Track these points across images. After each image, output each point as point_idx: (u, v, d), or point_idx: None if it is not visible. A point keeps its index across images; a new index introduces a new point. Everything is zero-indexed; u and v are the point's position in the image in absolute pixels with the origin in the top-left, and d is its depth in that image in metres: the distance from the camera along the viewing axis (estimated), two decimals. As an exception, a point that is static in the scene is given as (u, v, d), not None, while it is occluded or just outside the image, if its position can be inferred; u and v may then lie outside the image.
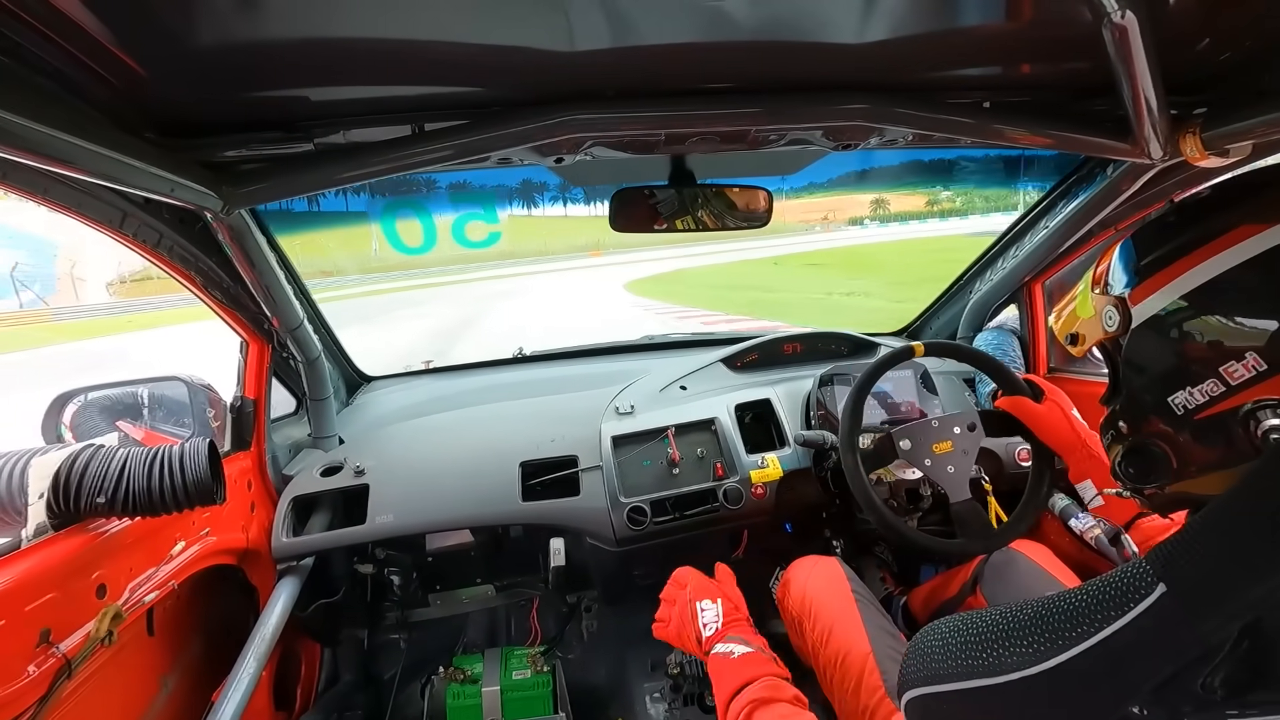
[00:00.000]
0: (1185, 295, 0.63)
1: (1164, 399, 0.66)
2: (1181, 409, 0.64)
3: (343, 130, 1.01)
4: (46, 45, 0.69)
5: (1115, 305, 0.70)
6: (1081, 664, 0.53)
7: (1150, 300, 0.66)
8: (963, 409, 1.85)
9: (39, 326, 19.59)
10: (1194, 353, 0.63)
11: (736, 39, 0.85)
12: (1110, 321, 0.71)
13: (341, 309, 17.37)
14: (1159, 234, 0.68)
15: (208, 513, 1.32)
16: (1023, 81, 1.08)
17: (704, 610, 1.13)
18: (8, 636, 0.84)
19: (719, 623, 1.10)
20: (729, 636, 1.06)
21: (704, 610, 1.13)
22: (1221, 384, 0.60)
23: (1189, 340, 0.63)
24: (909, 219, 44.45)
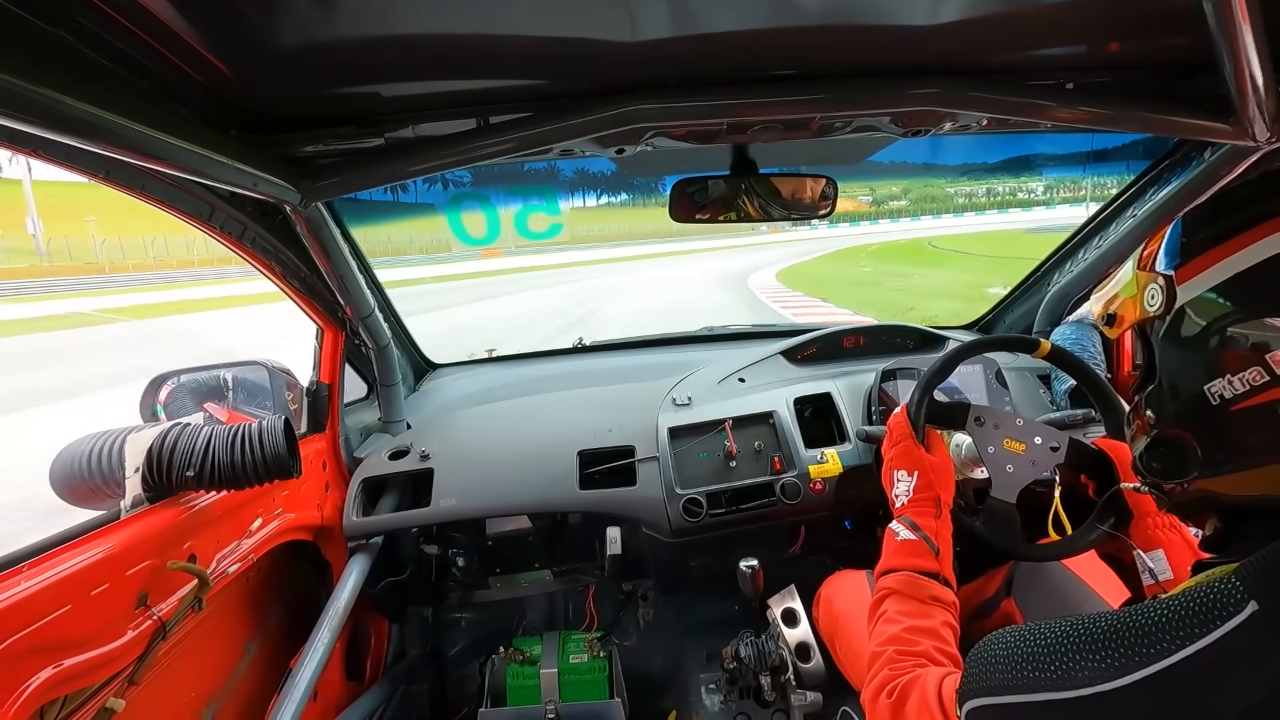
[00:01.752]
0: (1236, 276, 0.59)
1: (1200, 387, 0.62)
2: (1218, 399, 0.60)
3: (412, 125, 1.05)
4: (145, 49, 0.74)
5: (1160, 284, 0.66)
6: (1161, 682, 0.51)
7: (1197, 280, 0.63)
8: (1036, 407, 1.76)
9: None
10: (1239, 339, 0.59)
11: (802, 24, 0.84)
12: (1153, 301, 0.67)
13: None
14: (1213, 211, 0.65)
15: (286, 490, 1.40)
16: (1110, 60, 1.02)
17: (899, 481, 1.14)
18: (110, 599, 0.91)
19: (907, 498, 1.10)
20: (904, 516, 1.07)
21: (899, 481, 1.14)
22: (1266, 373, 0.56)
23: (1235, 325, 0.59)
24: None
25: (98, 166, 0.86)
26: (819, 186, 1.39)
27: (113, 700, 0.92)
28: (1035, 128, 1.16)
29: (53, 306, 18.19)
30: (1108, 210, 1.77)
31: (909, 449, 1.17)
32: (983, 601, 1.44)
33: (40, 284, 24.30)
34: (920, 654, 0.86)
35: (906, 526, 1.05)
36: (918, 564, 0.98)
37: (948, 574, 0.99)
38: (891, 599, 0.96)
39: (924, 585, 0.96)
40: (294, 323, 1.64)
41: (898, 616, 0.92)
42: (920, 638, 0.88)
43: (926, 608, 0.93)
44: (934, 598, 0.95)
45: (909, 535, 1.03)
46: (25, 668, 0.77)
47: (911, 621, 0.90)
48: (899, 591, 0.96)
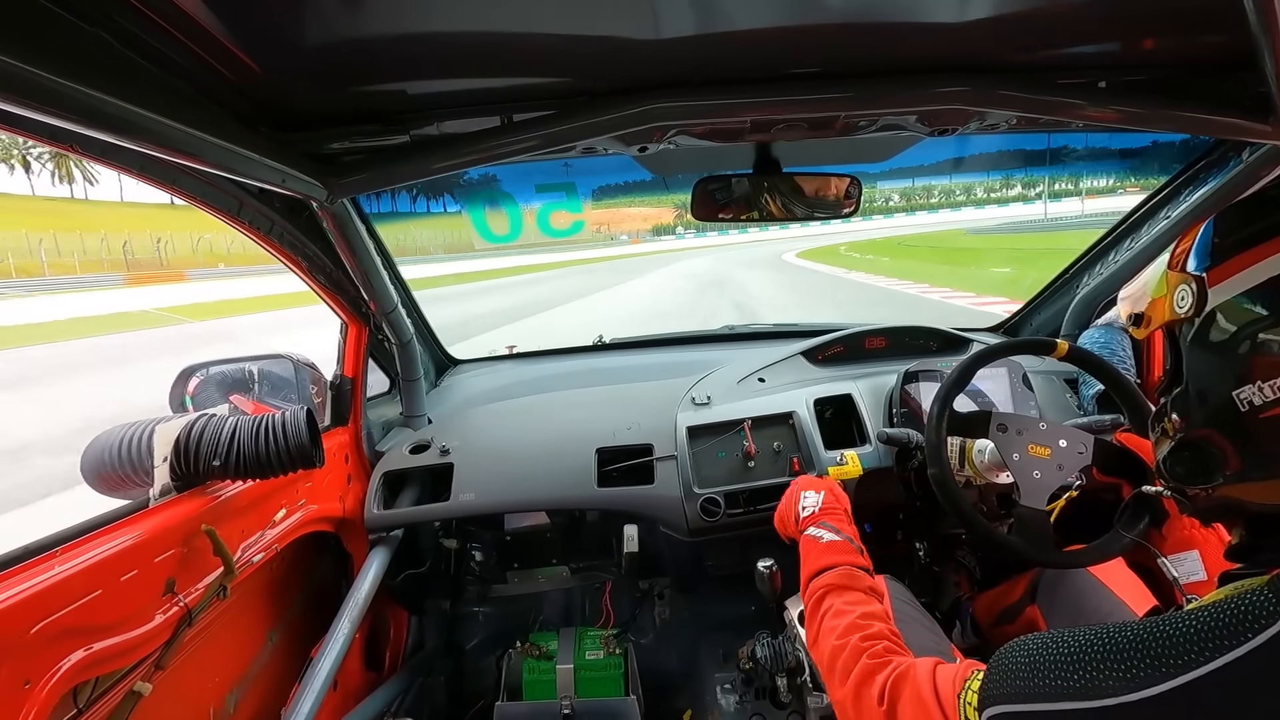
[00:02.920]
0: (1270, 280, 0.57)
1: (1229, 393, 0.60)
2: (1247, 405, 0.59)
3: (436, 122, 1.05)
4: (179, 48, 0.75)
5: (1191, 285, 0.65)
6: (1190, 695, 0.50)
7: (1230, 282, 0.61)
8: (1062, 412, 1.73)
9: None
10: (1271, 345, 0.57)
11: (827, 21, 0.83)
12: (1182, 302, 0.65)
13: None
14: (1248, 212, 0.63)
15: (309, 482, 1.42)
16: (1145, 58, 0.99)
17: (806, 497, 1.18)
18: (139, 585, 0.93)
19: (816, 509, 1.14)
20: (822, 523, 1.10)
21: (806, 497, 1.18)
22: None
23: (1267, 330, 0.57)
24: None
25: (133, 162, 0.88)
26: (843, 185, 1.38)
27: (140, 684, 0.94)
28: (1065, 127, 1.14)
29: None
30: (1140, 211, 1.73)
31: (815, 480, 1.25)
32: (1006, 607, 1.42)
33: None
34: (877, 635, 0.86)
35: (828, 530, 1.07)
36: (850, 560, 1.00)
37: (873, 570, 1.01)
38: (832, 595, 0.96)
39: (860, 577, 0.97)
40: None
41: (845, 608, 0.92)
42: (874, 621, 0.89)
43: (868, 598, 0.94)
44: (871, 589, 0.96)
45: (834, 537, 1.05)
46: (59, 649, 0.79)
47: (861, 609, 0.91)
48: (838, 585, 0.96)
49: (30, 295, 25.82)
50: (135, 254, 40.41)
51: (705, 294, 16.78)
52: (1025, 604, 1.35)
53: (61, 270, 34.75)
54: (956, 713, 0.66)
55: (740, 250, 38.97)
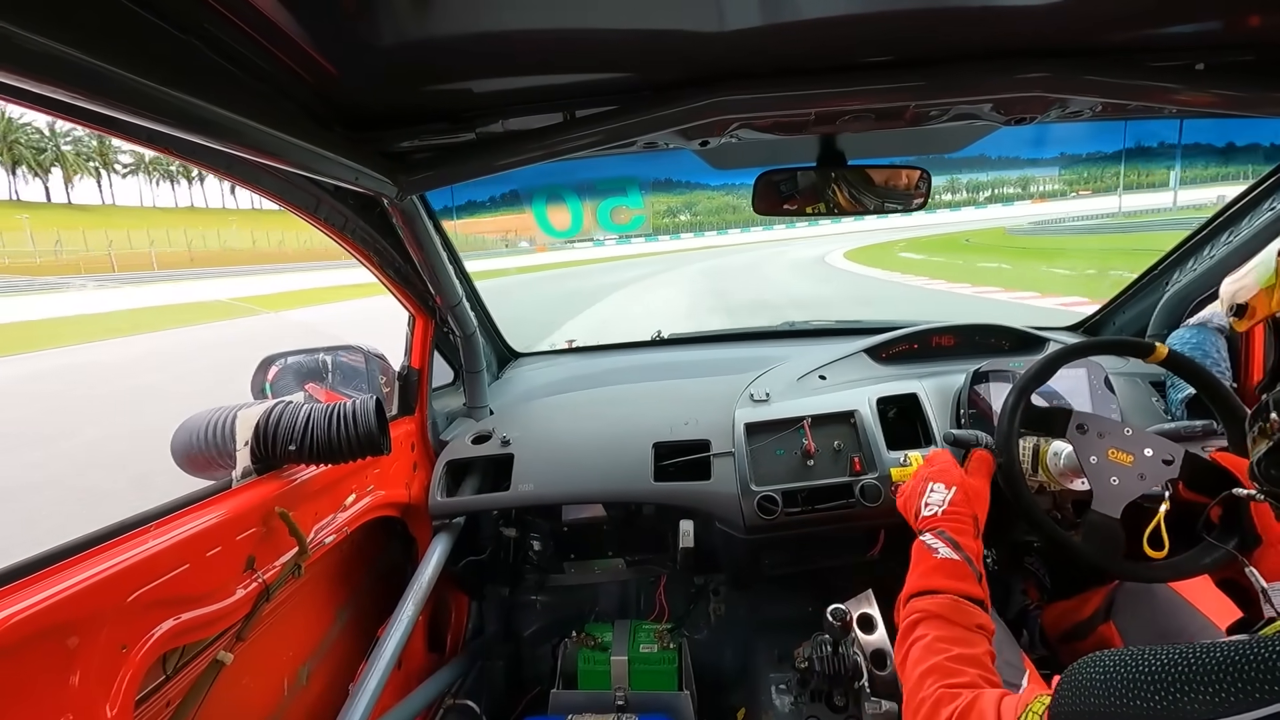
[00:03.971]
0: None
1: None
2: None
3: (501, 120, 1.07)
4: (262, 53, 0.79)
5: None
6: None
7: None
8: (1148, 417, 1.63)
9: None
10: None
11: (898, 8, 0.80)
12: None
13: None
14: None
15: (377, 469, 1.48)
16: (1248, 37, 0.92)
17: (933, 491, 1.09)
18: (223, 560, 0.99)
19: (940, 509, 1.05)
20: (941, 531, 1.00)
21: (933, 491, 1.09)
22: None
23: None
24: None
25: (221, 162, 0.93)
26: (914, 177, 1.34)
27: (223, 654, 1.00)
28: (1156, 113, 1.06)
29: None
30: (1241, 202, 1.61)
31: (949, 468, 1.13)
32: (1077, 623, 1.35)
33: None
34: (966, 685, 0.79)
35: (946, 544, 0.97)
36: (962, 588, 0.91)
37: (988, 603, 0.92)
38: (930, 623, 0.88)
39: (969, 612, 0.88)
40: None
41: (939, 644, 0.85)
42: (966, 667, 0.81)
43: (971, 635, 0.86)
44: (979, 626, 0.87)
45: (950, 554, 0.95)
46: (152, 617, 0.85)
47: (957, 650, 0.83)
48: (941, 616, 0.88)
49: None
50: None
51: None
52: (1099, 621, 1.27)
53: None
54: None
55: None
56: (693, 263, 29.27)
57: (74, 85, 0.54)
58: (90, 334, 13.84)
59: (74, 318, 17.36)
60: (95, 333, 14.00)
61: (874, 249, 29.65)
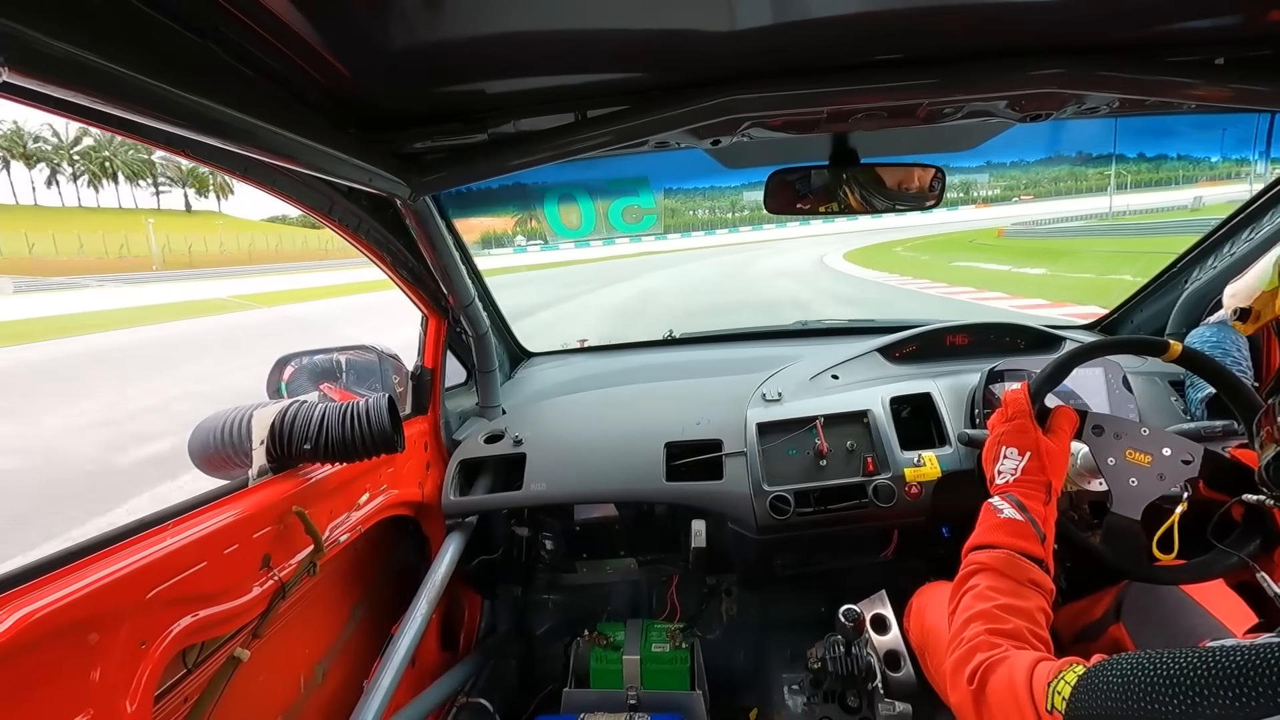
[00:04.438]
0: None
1: None
2: None
3: (513, 120, 1.08)
4: (277, 56, 0.80)
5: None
6: None
7: None
8: (1166, 416, 1.61)
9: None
10: None
11: (910, 5, 0.80)
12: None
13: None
14: None
15: (391, 468, 1.49)
16: (1270, 31, 0.90)
17: (1006, 458, 1.07)
18: (240, 558, 1.00)
19: (1013, 477, 1.03)
20: (1009, 495, 1.00)
21: (1006, 458, 1.07)
22: None
23: None
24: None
25: (237, 165, 0.94)
26: (927, 176, 1.33)
27: (240, 650, 1.02)
28: (1174, 109, 1.05)
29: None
30: (1261, 200, 1.58)
31: (1025, 426, 1.08)
32: (1089, 624, 1.33)
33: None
34: (1010, 633, 0.80)
35: (1011, 505, 0.97)
36: (1021, 545, 0.91)
37: (1050, 564, 0.91)
38: (984, 574, 0.89)
39: (1024, 567, 0.88)
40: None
41: (990, 593, 0.85)
42: (1012, 616, 0.82)
43: (1023, 589, 0.86)
44: (1033, 581, 0.87)
45: (1014, 514, 0.95)
46: (171, 613, 0.86)
47: (1006, 600, 0.84)
48: (994, 569, 0.88)
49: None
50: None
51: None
52: (1109, 622, 1.26)
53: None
54: (1044, 698, 0.63)
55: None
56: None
57: (91, 88, 0.55)
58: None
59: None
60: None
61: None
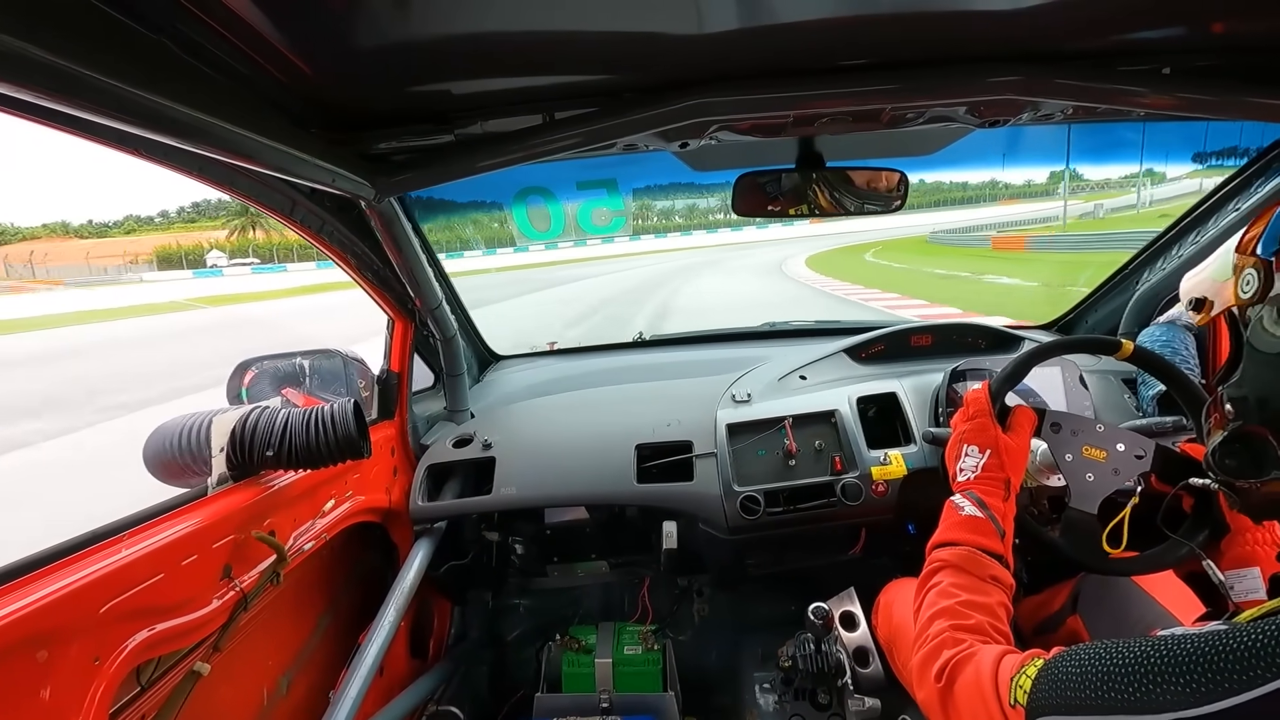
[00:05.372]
0: None
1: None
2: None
3: (480, 121, 1.07)
4: (235, 53, 0.78)
5: (1258, 269, 0.62)
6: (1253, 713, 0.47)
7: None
8: (1120, 413, 1.66)
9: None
10: None
11: (874, 12, 0.81)
12: (1247, 287, 0.63)
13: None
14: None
15: (357, 474, 1.46)
16: (1213, 42, 0.94)
17: (967, 455, 1.09)
18: (199, 569, 0.97)
19: (974, 474, 1.06)
20: (970, 492, 1.02)
21: (967, 455, 1.09)
22: None
23: None
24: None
25: (192, 164, 0.91)
26: (894, 179, 1.35)
27: (200, 664, 0.99)
28: (1125, 116, 1.09)
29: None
30: (1208, 204, 1.65)
31: (985, 425, 1.11)
32: (1048, 616, 1.37)
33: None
34: (973, 628, 0.82)
35: (972, 502, 0.99)
36: (981, 541, 0.93)
37: (1009, 559, 0.94)
38: (947, 571, 0.91)
39: (985, 563, 0.90)
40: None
41: (953, 589, 0.87)
42: (974, 612, 0.84)
43: (985, 585, 0.88)
44: (994, 577, 0.90)
45: (974, 511, 0.98)
46: (125, 629, 0.83)
47: (968, 596, 0.86)
48: (956, 565, 0.91)
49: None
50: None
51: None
52: (1067, 613, 1.30)
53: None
54: (1007, 693, 0.65)
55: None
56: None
57: (40, 86, 0.53)
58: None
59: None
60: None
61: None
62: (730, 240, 42.29)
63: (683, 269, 23.43)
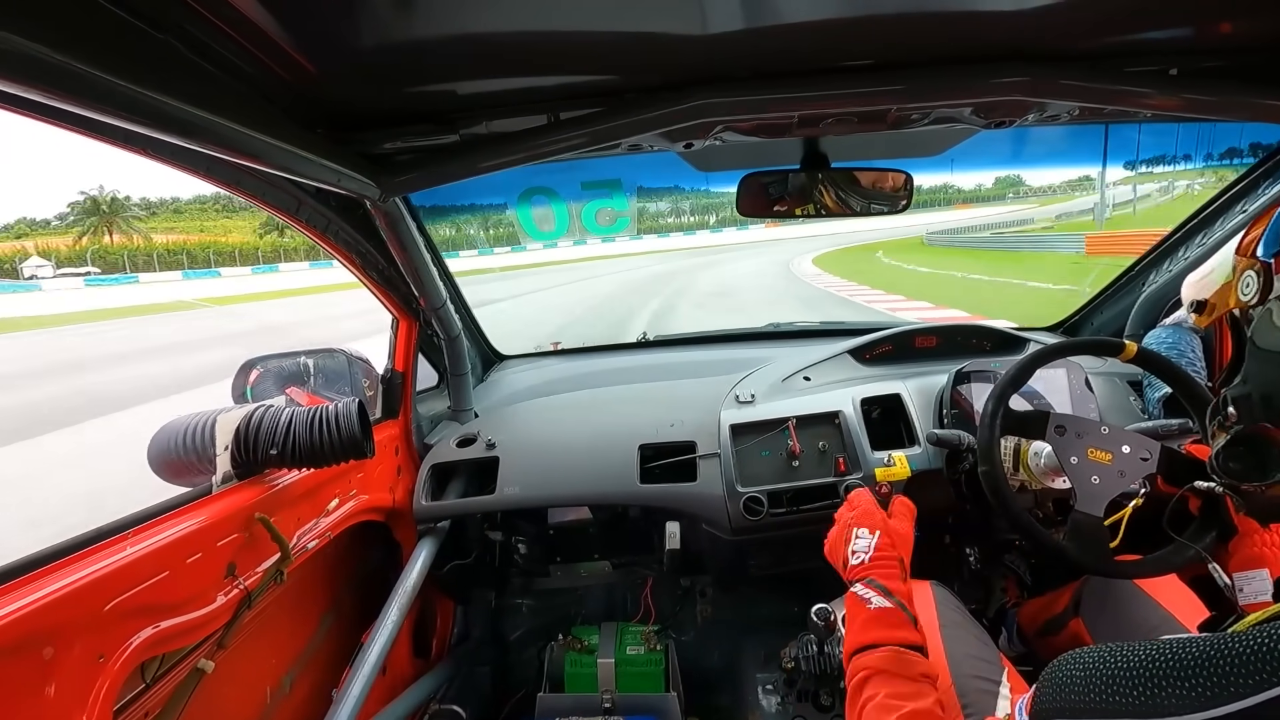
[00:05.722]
0: None
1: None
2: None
3: (485, 121, 1.07)
4: (242, 53, 0.78)
5: (1257, 271, 0.62)
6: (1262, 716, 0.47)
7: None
8: (1125, 416, 1.66)
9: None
10: None
11: (880, 12, 0.81)
12: (1247, 289, 0.62)
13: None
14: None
15: (361, 473, 1.46)
16: (1220, 43, 0.94)
17: (858, 538, 1.06)
18: (203, 567, 0.98)
19: (867, 556, 1.03)
20: (871, 580, 0.99)
21: (858, 538, 1.06)
22: None
23: None
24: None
25: (200, 164, 0.92)
26: (900, 179, 1.35)
27: (204, 662, 0.99)
28: (1131, 118, 1.09)
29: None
30: (1214, 205, 1.64)
31: (871, 510, 1.11)
32: (1050, 618, 1.37)
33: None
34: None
35: (877, 592, 0.96)
36: (900, 637, 0.90)
37: (925, 644, 0.91)
38: (878, 680, 0.86)
39: (912, 661, 0.87)
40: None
41: (892, 701, 0.83)
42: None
43: (919, 687, 0.85)
44: (924, 674, 0.86)
45: (883, 602, 0.94)
46: (130, 626, 0.84)
47: (910, 706, 0.82)
48: (886, 671, 0.86)
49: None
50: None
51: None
52: (1069, 616, 1.29)
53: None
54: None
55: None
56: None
57: (48, 86, 0.53)
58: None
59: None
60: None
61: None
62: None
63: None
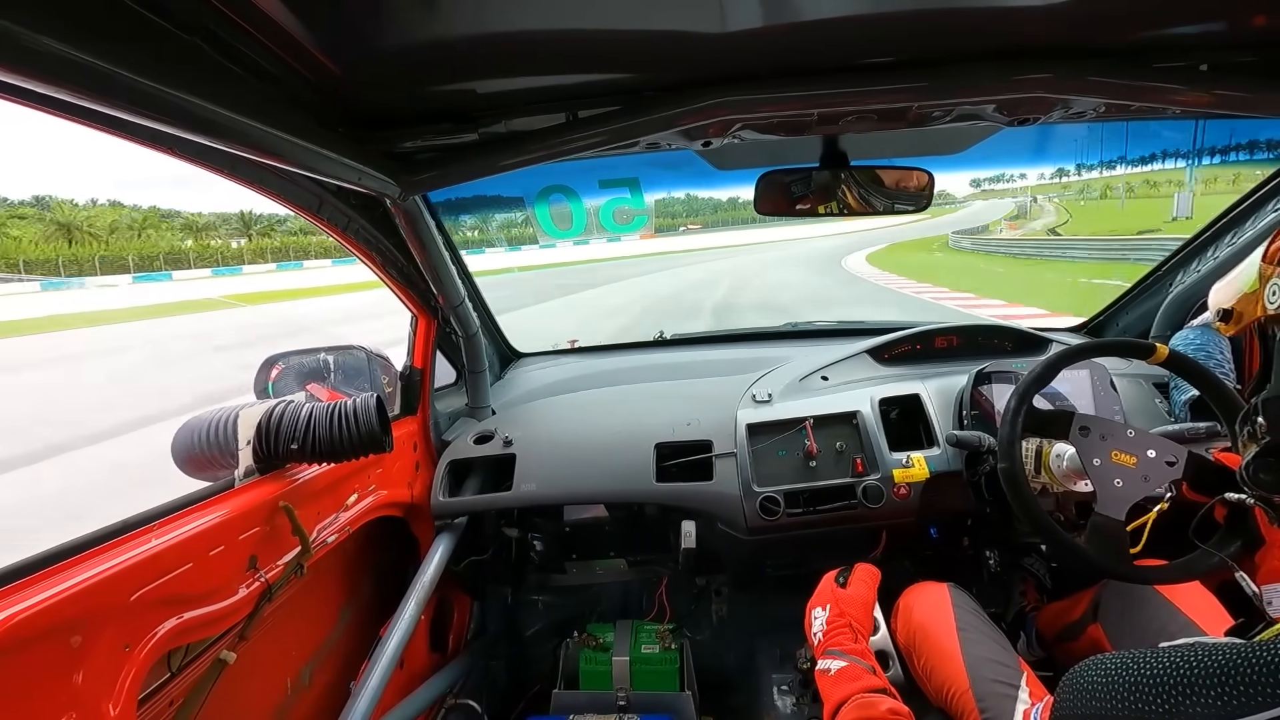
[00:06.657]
0: None
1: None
2: None
3: (504, 120, 1.08)
4: (266, 53, 0.79)
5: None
6: None
7: None
8: (1151, 419, 1.63)
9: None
10: None
11: (900, 9, 0.80)
12: (1274, 297, 0.61)
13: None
14: None
15: (380, 468, 1.48)
16: (1254, 37, 0.92)
17: (815, 619, 1.15)
18: (226, 559, 0.99)
19: (823, 632, 1.11)
20: (828, 651, 1.07)
21: (815, 619, 1.15)
22: None
23: None
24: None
25: (224, 163, 0.93)
26: (923, 178, 1.34)
27: (226, 653, 1.01)
28: (1159, 114, 1.06)
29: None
30: (1246, 203, 1.60)
31: (824, 591, 1.20)
32: (1069, 624, 1.35)
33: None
34: None
35: (835, 659, 1.03)
36: (860, 686, 0.96)
37: (891, 689, 0.97)
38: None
39: (877, 702, 0.92)
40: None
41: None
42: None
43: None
44: (892, 711, 0.91)
45: (840, 664, 1.02)
46: (155, 615, 0.85)
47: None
48: (860, 718, 0.92)
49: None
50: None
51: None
52: (1088, 622, 1.27)
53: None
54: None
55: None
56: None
57: (78, 86, 0.54)
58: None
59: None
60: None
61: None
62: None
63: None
